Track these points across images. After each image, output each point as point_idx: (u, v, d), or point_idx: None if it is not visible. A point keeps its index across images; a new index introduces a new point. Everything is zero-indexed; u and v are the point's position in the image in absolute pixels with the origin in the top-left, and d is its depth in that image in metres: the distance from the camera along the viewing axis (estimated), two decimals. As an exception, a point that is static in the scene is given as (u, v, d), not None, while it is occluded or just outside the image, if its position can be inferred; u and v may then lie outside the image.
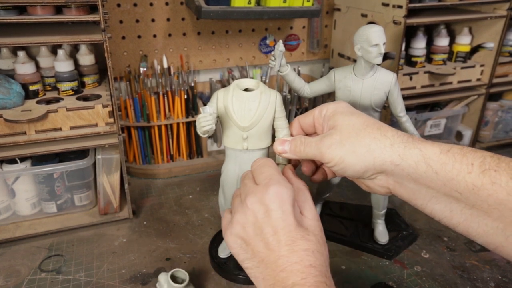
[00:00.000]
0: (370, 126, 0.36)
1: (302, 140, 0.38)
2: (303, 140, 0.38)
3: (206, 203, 1.18)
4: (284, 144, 0.39)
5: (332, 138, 0.36)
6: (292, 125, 0.42)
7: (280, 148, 0.39)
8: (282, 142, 0.39)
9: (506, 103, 1.45)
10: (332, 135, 0.36)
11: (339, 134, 0.36)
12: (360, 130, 0.36)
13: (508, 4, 1.23)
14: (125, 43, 1.25)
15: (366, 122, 0.36)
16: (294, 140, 0.39)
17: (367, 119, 0.37)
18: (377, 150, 0.35)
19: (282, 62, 0.92)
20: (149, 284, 0.87)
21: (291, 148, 0.39)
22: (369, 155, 0.35)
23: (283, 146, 0.39)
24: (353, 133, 0.35)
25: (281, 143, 0.39)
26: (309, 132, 0.42)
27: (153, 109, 1.24)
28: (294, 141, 0.39)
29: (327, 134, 0.37)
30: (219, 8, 1.09)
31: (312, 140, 0.38)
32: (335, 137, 0.36)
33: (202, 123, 0.74)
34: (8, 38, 0.84)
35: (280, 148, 0.39)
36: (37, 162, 1.00)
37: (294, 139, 0.39)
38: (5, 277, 0.89)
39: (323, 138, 0.37)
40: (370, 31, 0.84)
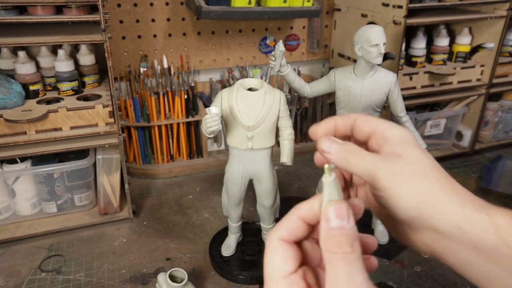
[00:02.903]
0: (441, 172, 0.31)
1: (356, 149, 0.32)
2: (357, 150, 0.32)
3: (206, 203, 1.18)
4: (332, 145, 0.32)
5: (398, 166, 0.30)
6: (323, 123, 0.36)
7: (326, 146, 0.32)
8: (330, 141, 0.33)
9: (506, 103, 1.45)
10: (398, 163, 0.30)
11: (407, 167, 0.30)
12: (430, 174, 0.31)
13: (508, 4, 1.23)
14: (125, 43, 1.25)
15: (437, 167, 0.31)
16: (346, 145, 0.32)
17: (436, 162, 0.32)
18: (443, 203, 0.30)
19: (282, 62, 0.92)
20: (149, 284, 0.87)
21: (340, 152, 0.32)
22: (432, 205, 0.30)
23: (330, 146, 0.32)
24: (423, 174, 0.30)
25: (329, 141, 0.33)
26: (341, 139, 0.36)
27: (153, 109, 1.24)
28: (346, 146, 0.32)
29: (392, 159, 0.31)
30: (219, 8, 1.09)
31: (371, 155, 0.32)
32: (403, 168, 0.30)
33: (209, 124, 0.74)
34: (8, 38, 0.84)
35: (326, 146, 0.32)
36: (37, 162, 1.00)
37: (346, 144, 0.32)
38: (5, 277, 0.89)
39: (387, 161, 0.30)
40: (370, 31, 0.84)
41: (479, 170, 1.36)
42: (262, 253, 0.96)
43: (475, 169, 1.37)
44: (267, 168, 0.86)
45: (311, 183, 1.28)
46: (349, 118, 0.34)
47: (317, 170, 1.35)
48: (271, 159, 0.87)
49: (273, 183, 0.88)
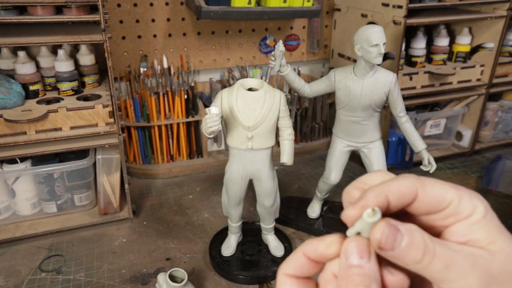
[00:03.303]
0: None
1: (432, 242, 0.23)
2: (434, 240, 0.23)
3: (206, 203, 1.18)
4: (397, 234, 0.22)
5: (491, 275, 0.22)
6: (371, 195, 0.25)
7: (389, 240, 0.22)
8: (394, 230, 0.23)
9: (506, 103, 1.45)
10: (486, 267, 0.22)
11: (505, 275, 0.23)
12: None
13: (508, 4, 1.23)
14: (125, 43, 1.25)
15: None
16: (420, 233, 0.23)
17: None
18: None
19: (282, 62, 0.92)
20: (149, 284, 0.87)
21: (416, 242, 0.22)
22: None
23: (395, 236, 0.22)
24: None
25: (392, 230, 0.23)
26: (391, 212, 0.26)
27: (153, 109, 1.24)
28: (420, 234, 0.23)
29: (480, 257, 0.23)
30: (219, 8, 1.09)
31: (456, 252, 0.23)
32: (499, 276, 0.22)
33: (209, 124, 0.74)
34: (8, 38, 0.84)
35: (389, 239, 0.22)
36: (37, 162, 1.00)
37: (420, 232, 0.23)
38: (5, 277, 0.89)
39: (477, 264, 0.22)
40: (370, 31, 0.84)
41: (479, 170, 1.36)
42: (262, 253, 0.96)
43: (475, 169, 1.37)
44: (267, 168, 0.86)
45: (311, 183, 1.28)
46: (410, 188, 0.24)
47: (317, 170, 1.35)
48: (271, 159, 0.87)
49: (273, 183, 0.88)
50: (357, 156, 1.05)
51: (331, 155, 0.99)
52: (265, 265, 0.92)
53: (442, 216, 0.24)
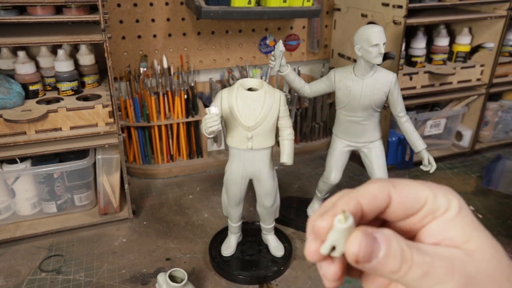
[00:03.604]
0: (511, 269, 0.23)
1: (409, 249, 0.21)
2: (411, 245, 0.22)
3: (206, 203, 1.18)
4: (374, 244, 0.21)
5: (469, 277, 0.21)
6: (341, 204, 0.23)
7: (367, 252, 0.21)
8: (370, 240, 0.21)
9: (506, 103, 1.45)
10: (464, 269, 0.21)
11: (484, 277, 0.22)
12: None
13: (508, 4, 1.23)
14: (125, 43, 1.25)
15: (506, 262, 0.23)
16: (396, 240, 0.21)
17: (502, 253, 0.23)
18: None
19: (282, 62, 0.92)
20: (149, 284, 0.87)
21: (393, 251, 0.21)
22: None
23: (372, 247, 0.21)
24: (505, 283, 0.22)
25: (369, 241, 0.21)
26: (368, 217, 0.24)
27: (153, 109, 1.24)
28: (397, 240, 0.21)
29: (457, 259, 0.22)
30: (219, 8, 1.09)
31: (434, 257, 0.22)
32: (477, 278, 0.21)
33: (209, 124, 0.75)
34: (8, 38, 0.84)
35: (367, 251, 0.21)
36: (37, 162, 1.00)
37: (396, 239, 0.21)
38: (5, 277, 0.89)
39: (455, 267, 0.21)
40: (370, 31, 0.84)
41: (479, 170, 1.36)
42: (262, 253, 0.96)
43: (475, 169, 1.37)
44: (267, 168, 0.86)
45: (311, 183, 1.28)
46: (382, 191, 0.23)
47: (317, 170, 1.35)
48: (271, 159, 0.87)
49: (273, 183, 0.88)
50: (357, 156, 1.05)
51: (331, 155, 0.99)
52: (265, 265, 0.92)
53: (419, 217, 0.23)
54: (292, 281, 0.89)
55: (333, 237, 0.22)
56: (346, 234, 0.22)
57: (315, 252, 0.23)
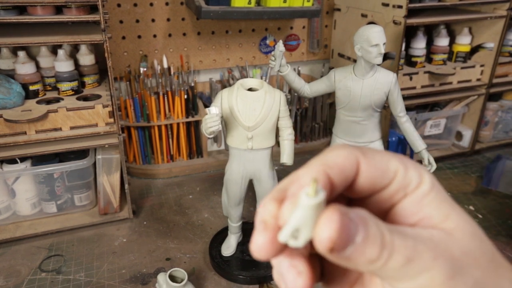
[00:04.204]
0: (496, 252, 0.21)
1: (389, 233, 0.18)
2: (391, 231, 0.18)
3: (206, 203, 1.18)
4: (349, 226, 0.17)
5: (454, 259, 0.19)
6: (321, 163, 0.19)
7: (343, 236, 0.16)
8: (346, 221, 0.17)
9: (506, 103, 1.45)
10: (447, 251, 0.19)
11: (468, 258, 0.19)
12: (496, 258, 0.20)
13: (508, 4, 1.23)
14: (125, 43, 1.25)
15: (490, 245, 0.21)
16: (373, 221, 0.18)
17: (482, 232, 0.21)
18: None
19: (282, 62, 0.92)
20: (149, 284, 0.87)
21: (371, 235, 0.17)
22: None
23: (348, 230, 0.17)
24: (489, 264, 0.20)
25: (344, 222, 0.17)
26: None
27: (153, 109, 1.24)
28: (374, 222, 0.18)
29: (439, 242, 0.19)
30: (219, 8, 1.09)
31: (415, 240, 0.18)
32: (462, 260, 0.19)
33: (209, 124, 0.75)
34: (8, 38, 0.84)
35: (344, 235, 0.17)
36: (37, 162, 1.00)
37: (373, 219, 0.18)
38: (5, 277, 0.89)
39: (439, 251, 0.18)
40: (370, 31, 0.84)
41: (479, 170, 1.36)
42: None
43: (475, 169, 1.37)
44: (267, 168, 0.86)
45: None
46: (350, 158, 0.19)
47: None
48: (271, 159, 0.87)
49: (273, 183, 0.88)
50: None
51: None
52: (265, 265, 0.92)
53: (389, 193, 0.20)
54: (292, 281, 0.89)
55: (297, 217, 0.17)
56: (314, 214, 0.17)
57: (267, 245, 0.18)
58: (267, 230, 0.18)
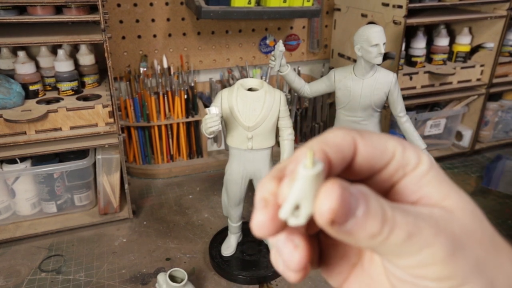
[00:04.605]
0: (495, 233, 0.21)
1: (390, 208, 0.18)
2: (393, 207, 0.18)
3: (206, 203, 1.18)
4: (350, 200, 0.17)
5: (455, 236, 0.19)
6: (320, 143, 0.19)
7: (344, 208, 0.16)
8: (346, 193, 0.17)
9: (506, 103, 1.45)
10: (448, 228, 0.19)
11: (469, 236, 0.19)
12: (495, 238, 0.21)
13: (508, 4, 1.23)
14: (125, 43, 1.25)
15: (490, 225, 0.21)
16: (374, 196, 0.18)
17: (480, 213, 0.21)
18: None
19: (282, 62, 0.92)
20: (149, 284, 0.87)
21: (372, 209, 0.17)
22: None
23: (348, 203, 0.17)
24: (490, 243, 0.20)
25: (345, 194, 0.16)
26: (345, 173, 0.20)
27: (153, 109, 1.24)
28: (375, 197, 0.18)
29: (440, 219, 0.19)
30: (219, 8, 1.09)
31: (417, 217, 0.18)
32: (463, 237, 0.19)
33: (209, 124, 0.75)
34: (8, 38, 0.84)
35: (345, 207, 0.16)
36: (37, 162, 1.00)
37: (374, 195, 0.18)
38: (5, 277, 0.89)
39: (440, 228, 0.18)
40: (370, 31, 0.84)
41: (479, 170, 1.36)
42: (262, 253, 0.96)
43: (475, 169, 1.37)
44: (267, 168, 0.86)
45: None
46: (347, 139, 0.19)
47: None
48: (271, 159, 0.87)
49: (273, 183, 0.88)
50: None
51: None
52: (265, 265, 0.92)
53: (388, 172, 0.20)
54: (292, 281, 0.89)
55: (296, 191, 0.17)
56: (314, 186, 0.16)
57: (268, 223, 0.18)
58: (267, 208, 0.18)
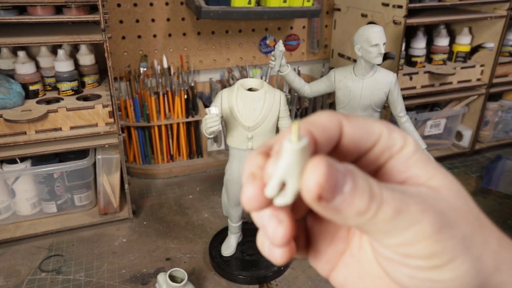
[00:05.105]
0: (480, 212, 0.21)
1: (378, 186, 0.18)
2: (380, 185, 0.18)
3: (206, 203, 1.18)
4: (337, 176, 0.17)
5: (442, 214, 0.19)
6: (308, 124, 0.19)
7: (330, 184, 0.16)
8: (333, 170, 0.17)
9: (506, 103, 1.45)
10: (435, 206, 0.19)
11: (455, 213, 0.19)
12: (481, 217, 0.21)
13: (508, 4, 1.23)
14: (125, 43, 1.25)
15: (475, 205, 0.21)
16: (361, 173, 0.18)
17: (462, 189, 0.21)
18: (505, 264, 0.20)
19: (282, 62, 0.92)
20: (149, 284, 0.87)
21: (360, 186, 0.17)
22: (493, 270, 0.20)
23: (335, 179, 0.17)
24: (475, 221, 0.20)
25: (331, 170, 0.16)
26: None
27: (153, 109, 1.24)
28: (362, 174, 0.18)
29: (427, 198, 0.19)
30: (219, 8, 1.09)
31: (404, 195, 0.18)
32: (449, 215, 0.19)
33: (209, 124, 0.75)
34: (8, 38, 0.84)
35: (331, 182, 0.16)
36: (37, 162, 1.00)
37: (361, 172, 0.18)
38: (5, 277, 0.89)
39: (427, 206, 0.19)
40: (370, 31, 0.84)
41: (479, 170, 1.36)
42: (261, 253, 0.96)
43: (475, 169, 1.37)
44: (267, 168, 0.86)
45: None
46: (332, 120, 0.19)
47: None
48: (271, 159, 0.87)
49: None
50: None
51: (331, 155, 0.98)
52: (265, 265, 0.92)
53: (375, 154, 0.20)
54: (292, 281, 0.89)
55: (282, 166, 0.16)
56: (299, 161, 0.16)
57: (257, 195, 0.18)
58: (255, 181, 0.18)
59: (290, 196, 0.17)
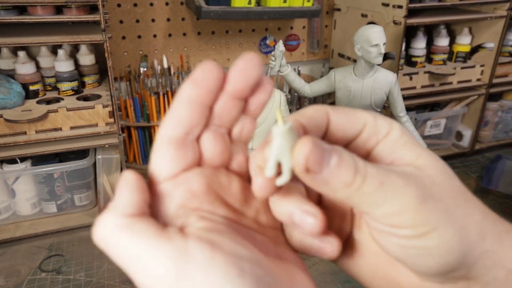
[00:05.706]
0: (466, 190, 0.22)
1: (362, 162, 0.20)
2: (365, 162, 0.20)
3: (206, 203, 1.18)
4: (324, 152, 0.19)
5: (426, 187, 0.20)
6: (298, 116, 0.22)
7: (317, 158, 0.19)
8: (320, 147, 0.19)
9: (506, 103, 1.45)
10: (419, 181, 0.20)
11: (438, 188, 0.20)
12: (466, 193, 0.21)
13: (508, 4, 1.23)
14: (125, 43, 1.25)
15: (460, 182, 0.22)
16: (347, 152, 0.20)
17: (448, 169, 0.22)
18: (490, 235, 0.20)
19: (282, 62, 0.92)
20: (149, 284, 0.87)
21: (345, 160, 0.19)
22: (477, 240, 0.20)
23: (322, 154, 0.19)
24: (459, 196, 0.21)
25: (318, 147, 0.19)
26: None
27: (153, 109, 1.24)
28: (348, 152, 0.20)
29: (411, 174, 0.20)
30: (219, 8, 1.09)
31: (388, 170, 0.20)
32: (433, 189, 0.20)
33: None
34: (8, 38, 0.84)
35: (318, 157, 0.19)
36: (37, 162, 1.00)
37: (347, 151, 0.20)
38: (5, 277, 0.89)
39: (411, 180, 0.20)
40: (370, 31, 0.84)
41: (479, 170, 1.36)
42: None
43: (475, 169, 1.37)
44: (267, 168, 0.86)
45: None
46: (319, 111, 0.22)
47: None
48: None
49: (273, 183, 0.88)
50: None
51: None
52: (265, 265, 0.92)
53: (362, 140, 0.22)
54: (292, 281, 0.89)
55: (274, 148, 0.19)
56: (288, 141, 0.19)
57: (266, 184, 0.20)
58: (262, 171, 0.20)
59: (286, 173, 0.19)
